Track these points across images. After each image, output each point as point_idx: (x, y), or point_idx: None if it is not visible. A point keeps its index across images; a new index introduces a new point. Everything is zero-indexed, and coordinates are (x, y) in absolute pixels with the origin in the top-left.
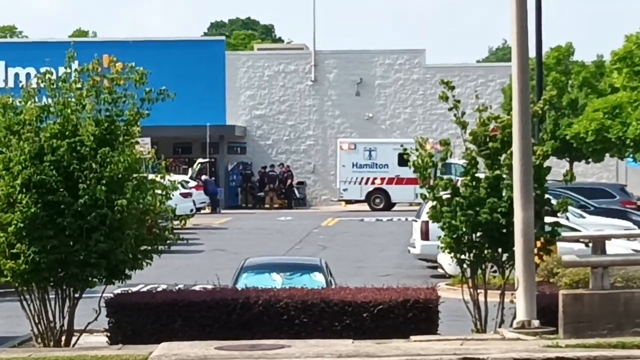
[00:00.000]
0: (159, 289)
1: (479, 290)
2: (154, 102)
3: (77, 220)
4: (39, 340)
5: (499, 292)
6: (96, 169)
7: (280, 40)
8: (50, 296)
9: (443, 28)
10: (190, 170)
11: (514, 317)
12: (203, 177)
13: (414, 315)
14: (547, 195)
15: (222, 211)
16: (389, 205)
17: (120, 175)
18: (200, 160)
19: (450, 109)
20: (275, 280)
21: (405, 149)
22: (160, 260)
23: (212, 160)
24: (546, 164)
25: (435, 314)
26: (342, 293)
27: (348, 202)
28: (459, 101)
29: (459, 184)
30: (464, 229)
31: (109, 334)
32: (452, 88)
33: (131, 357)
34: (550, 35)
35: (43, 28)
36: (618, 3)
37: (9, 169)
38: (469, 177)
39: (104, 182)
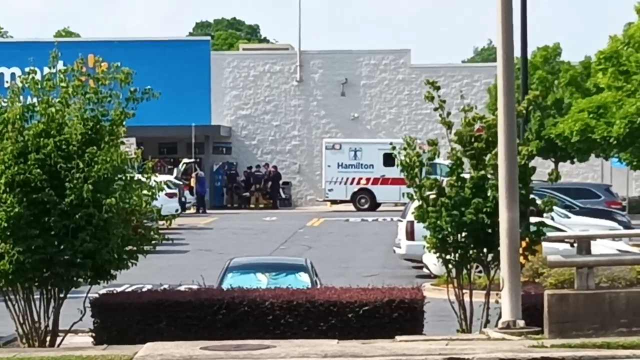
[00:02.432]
0: (144, 289)
1: (464, 291)
2: (139, 101)
3: (62, 220)
4: (24, 340)
5: (484, 292)
6: (83, 168)
7: (265, 40)
8: (35, 296)
9: (428, 28)
10: (175, 170)
11: (499, 317)
12: (199, 173)
13: (399, 316)
14: (532, 195)
15: (208, 211)
16: (374, 206)
17: (107, 175)
18: (185, 160)
19: (435, 109)
20: (261, 280)
21: (393, 147)
22: (145, 260)
23: (198, 160)
24: (531, 164)
25: (420, 314)
26: (328, 293)
27: (333, 202)
28: (444, 101)
29: (444, 184)
30: (449, 229)
31: (94, 334)
32: (438, 88)
33: (116, 357)
34: (539, 35)
35: (28, 28)
36: (605, 5)
37: None
38: (454, 177)
39: (90, 181)
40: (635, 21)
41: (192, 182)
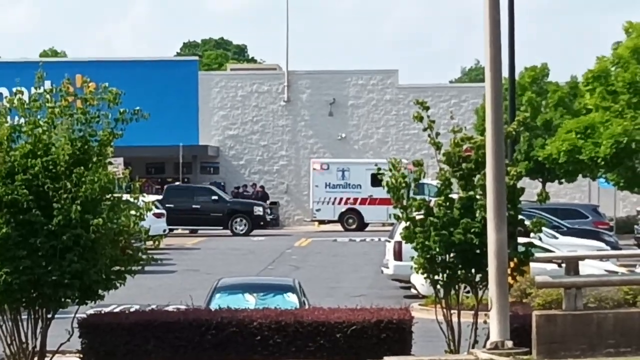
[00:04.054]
0: (132, 310)
1: (452, 311)
2: (128, 122)
3: (50, 240)
4: None
5: (473, 312)
6: (71, 189)
7: (253, 60)
8: (23, 317)
9: (416, 48)
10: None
11: (488, 338)
12: None
13: (388, 336)
14: (520, 216)
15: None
16: (362, 226)
17: (94, 196)
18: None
19: (424, 130)
20: (249, 301)
21: (379, 169)
22: (133, 281)
23: (186, 180)
24: (519, 184)
25: (408, 335)
26: (316, 313)
27: (321, 222)
28: (433, 121)
29: (432, 204)
30: (437, 249)
31: (81, 355)
32: (427, 108)
33: None
34: (527, 55)
35: (14, 48)
36: (593, 25)
37: None
38: (442, 198)
39: (78, 202)
40: (624, 40)
41: None
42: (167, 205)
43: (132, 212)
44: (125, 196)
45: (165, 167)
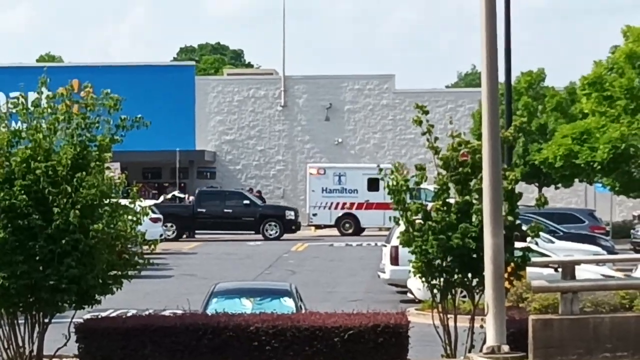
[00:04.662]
0: (128, 314)
1: (448, 315)
2: (129, 129)
3: (48, 245)
4: None
5: (469, 317)
6: (70, 193)
7: (249, 65)
8: (20, 321)
9: (412, 53)
10: (162, 197)
11: (484, 342)
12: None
13: (384, 340)
14: (517, 221)
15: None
16: (358, 230)
17: (94, 201)
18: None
19: (423, 134)
20: (245, 305)
21: (381, 170)
22: (130, 285)
23: (183, 185)
24: (516, 189)
25: (405, 339)
26: (313, 318)
27: (318, 227)
28: (432, 126)
29: (429, 208)
30: (435, 254)
31: None
32: (427, 113)
33: None
34: (523, 60)
35: (9, 52)
36: (590, 30)
37: None
38: (440, 202)
39: (78, 206)
40: (622, 44)
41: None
42: (198, 209)
43: (130, 217)
44: (123, 201)
45: (162, 172)
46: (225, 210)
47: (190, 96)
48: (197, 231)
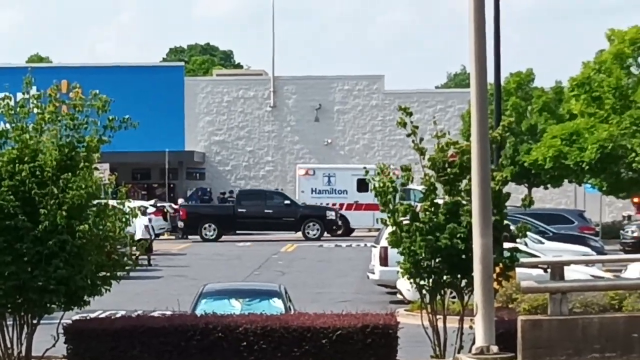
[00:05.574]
0: (117, 315)
1: (437, 316)
2: (117, 130)
3: (36, 246)
4: None
5: (458, 317)
6: (57, 195)
7: (239, 66)
8: (8, 322)
9: (402, 54)
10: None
11: (473, 343)
12: (180, 201)
13: (373, 341)
14: (506, 221)
15: (180, 237)
16: (347, 231)
17: (81, 202)
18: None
19: (408, 135)
20: (234, 306)
21: (367, 172)
22: (119, 286)
23: (172, 185)
24: (505, 189)
25: (394, 340)
26: (301, 319)
27: None
28: (417, 127)
29: (418, 209)
30: (423, 254)
31: None
32: (410, 114)
33: None
34: (512, 61)
35: None
36: (578, 32)
37: None
38: (428, 203)
39: (65, 207)
40: (607, 48)
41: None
42: (239, 210)
43: (118, 217)
44: (111, 202)
45: (151, 173)
46: (266, 211)
47: (180, 97)
48: (237, 231)
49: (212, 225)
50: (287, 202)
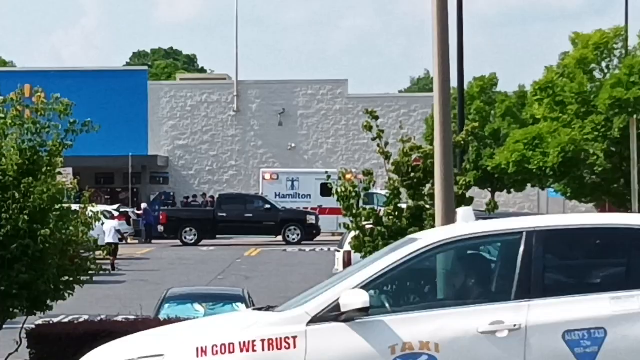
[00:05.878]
0: (80, 320)
1: None
2: (78, 133)
3: None
4: None
5: None
6: (19, 199)
7: (203, 70)
8: None
9: (365, 59)
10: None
11: None
12: (143, 206)
13: None
14: None
15: (143, 241)
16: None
17: (43, 206)
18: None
19: (374, 139)
20: (198, 311)
21: (329, 176)
22: (82, 291)
23: (135, 190)
24: (468, 194)
25: None
26: None
27: None
28: (382, 131)
29: (381, 213)
30: None
31: None
32: (376, 118)
33: None
34: (475, 65)
35: None
36: (541, 36)
37: None
38: (391, 207)
39: (26, 212)
40: (571, 51)
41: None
42: (219, 214)
43: (82, 222)
44: (74, 206)
45: (115, 177)
46: (246, 215)
47: (143, 101)
48: (217, 236)
49: (192, 230)
50: (267, 206)
